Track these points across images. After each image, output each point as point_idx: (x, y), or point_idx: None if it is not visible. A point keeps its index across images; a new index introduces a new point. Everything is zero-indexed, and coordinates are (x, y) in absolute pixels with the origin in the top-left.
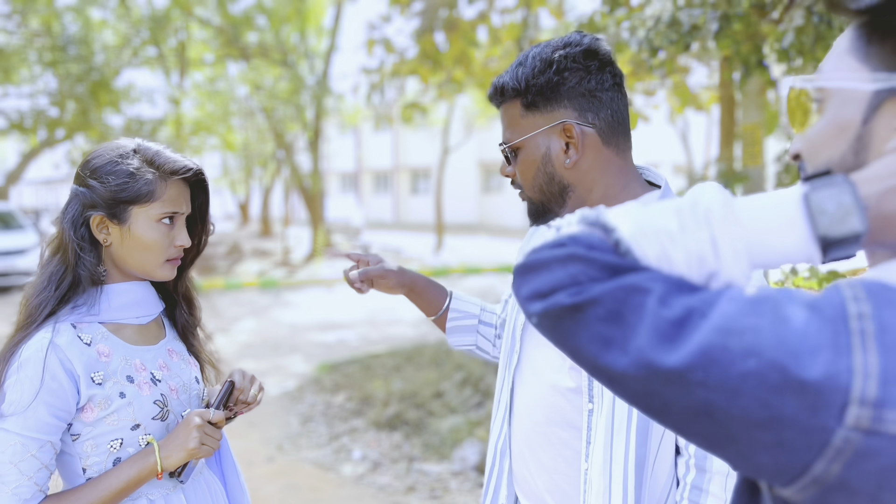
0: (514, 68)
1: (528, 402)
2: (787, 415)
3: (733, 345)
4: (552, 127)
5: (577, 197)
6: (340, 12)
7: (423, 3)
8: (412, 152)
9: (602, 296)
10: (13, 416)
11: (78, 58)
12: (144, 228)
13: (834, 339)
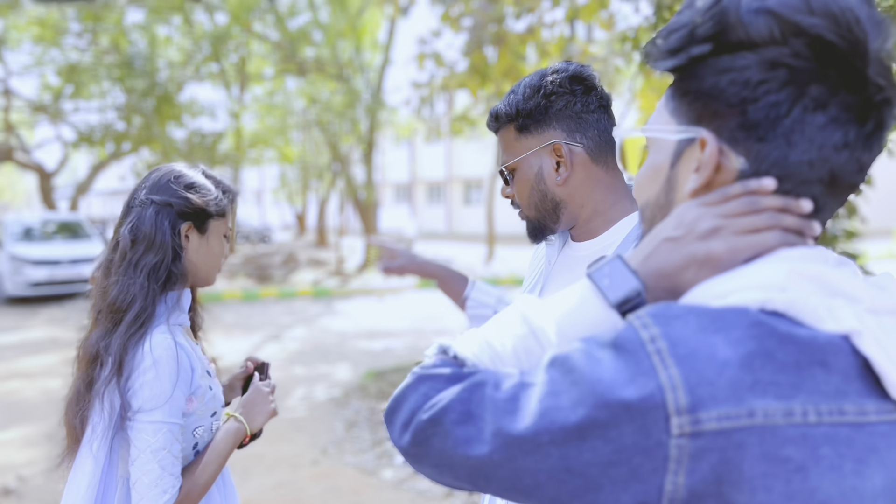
0: (508, 96)
1: None
2: (628, 442)
3: (562, 401)
4: (543, 147)
5: (569, 213)
6: (394, 27)
7: (472, 18)
8: (465, 163)
9: (451, 401)
10: (157, 408)
11: (144, 74)
12: (216, 240)
13: (637, 365)
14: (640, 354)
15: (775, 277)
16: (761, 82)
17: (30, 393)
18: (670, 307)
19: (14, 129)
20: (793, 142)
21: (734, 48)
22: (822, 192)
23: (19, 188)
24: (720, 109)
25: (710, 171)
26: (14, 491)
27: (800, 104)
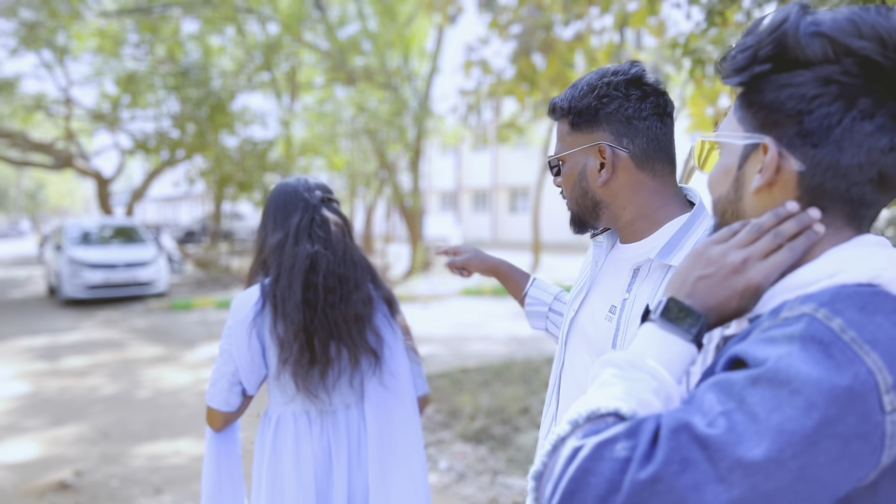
0: (568, 90)
1: (569, 405)
2: (851, 433)
3: (791, 412)
4: (589, 147)
5: (610, 213)
6: (442, 36)
7: (520, 25)
8: (511, 171)
9: (664, 453)
10: None
11: (198, 83)
12: None
13: (842, 354)
14: (839, 345)
15: (878, 259)
16: (816, 96)
17: (83, 391)
18: (824, 297)
19: (74, 137)
20: (844, 147)
21: (792, 66)
22: (871, 190)
23: (78, 194)
24: (780, 119)
25: (771, 173)
26: (71, 486)
27: (849, 115)
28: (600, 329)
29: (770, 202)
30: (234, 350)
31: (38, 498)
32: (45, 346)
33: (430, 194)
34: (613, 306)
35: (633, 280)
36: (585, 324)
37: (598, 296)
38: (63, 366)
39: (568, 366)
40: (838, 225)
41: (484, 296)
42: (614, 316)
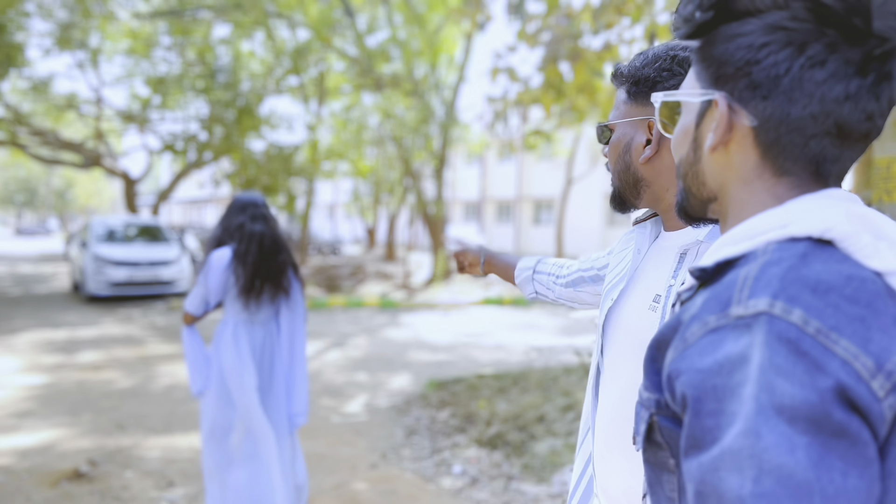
0: (634, 57)
1: (608, 401)
2: (853, 436)
3: (775, 444)
4: (641, 120)
5: (651, 193)
6: (470, 45)
7: (549, 33)
8: (536, 182)
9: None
10: None
11: (227, 86)
12: None
13: (814, 350)
14: (807, 340)
15: (835, 213)
16: (763, 45)
17: (100, 384)
18: (773, 284)
19: (104, 137)
20: (794, 98)
21: (741, 15)
22: (831, 143)
23: (106, 194)
24: (730, 72)
25: (723, 130)
26: (86, 474)
27: (797, 62)
28: (643, 320)
29: (727, 162)
30: (210, 282)
31: (52, 486)
32: (65, 339)
33: (453, 204)
34: (658, 295)
35: (679, 265)
36: (627, 314)
37: (642, 285)
38: (81, 359)
39: (607, 359)
40: (805, 181)
41: (504, 305)
42: (659, 305)
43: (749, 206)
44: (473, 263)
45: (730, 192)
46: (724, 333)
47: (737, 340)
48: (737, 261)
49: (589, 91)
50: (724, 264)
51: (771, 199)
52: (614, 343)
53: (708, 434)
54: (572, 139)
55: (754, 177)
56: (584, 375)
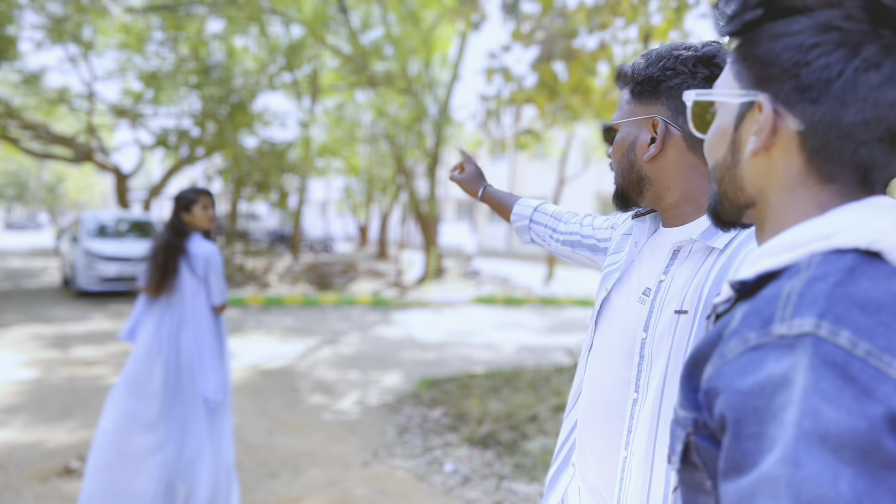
0: (638, 57)
1: (592, 389)
2: None
3: (829, 483)
4: (645, 119)
5: (654, 192)
6: (464, 44)
7: (543, 32)
8: (528, 182)
9: None
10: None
11: (220, 81)
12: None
13: (864, 374)
14: (856, 364)
15: (883, 223)
16: (814, 46)
17: (90, 380)
18: (819, 302)
19: (95, 132)
20: (846, 102)
21: (789, 12)
22: (882, 150)
23: (97, 189)
24: (776, 73)
25: (767, 134)
26: (75, 470)
27: (851, 65)
28: (632, 312)
29: (769, 168)
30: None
31: (42, 482)
32: (55, 335)
33: (446, 202)
34: (648, 288)
35: (671, 261)
36: (619, 305)
37: (635, 277)
38: (71, 355)
39: (595, 347)
40: (851, 189)
41: (496, 304)
42: (648, 298)
43: (790, 215)
44: (469, 185)
45: (769, 199)
46: (766, 353)
47: (779, 361)
48: (778, 273)
49: (583, 91)
50: (766, 277)
51: (814, 208)
52: (604, 331)
53: (748, 458)
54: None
55: (797, 183)
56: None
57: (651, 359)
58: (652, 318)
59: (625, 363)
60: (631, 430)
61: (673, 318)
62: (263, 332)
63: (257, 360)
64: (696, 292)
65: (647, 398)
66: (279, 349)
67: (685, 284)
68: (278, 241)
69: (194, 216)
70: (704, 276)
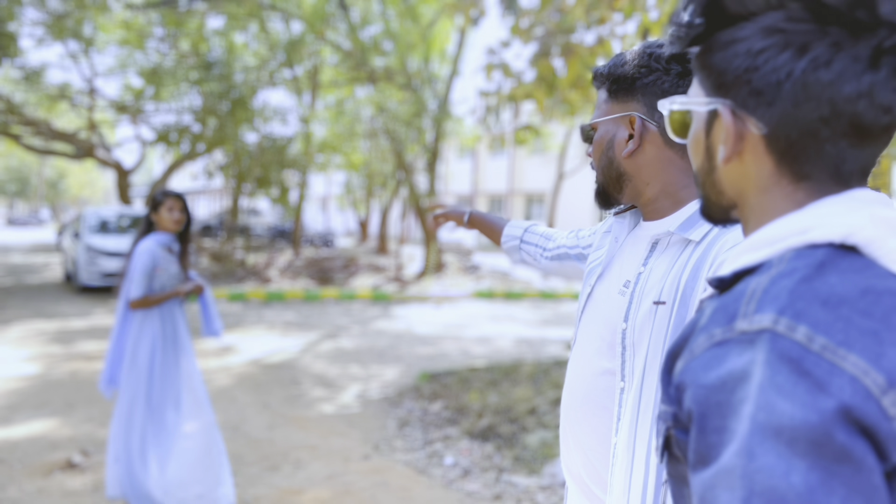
0: (613, 58)
1: (573, 381)
2: (868, 461)
3: (773, 464)
4: (621, 116)
5: (633, 187)
6: (464, 39)
7: (542, 28)
8: (528, 177)
9: None
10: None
11: (220, 77)
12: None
13: (817, 368)
14: (811, 358)
15: (859, 216)
16: (761, 51)
17: (92, 375)
18: (781, 297)
19: (97, 128)
20: (799, 102)
21: (736, 20)
22: (849, 143)
23: (98, 185)
24: (729, 80)
25: (732, 141)
26: (78, 465)
27: (799, 66)
28: (613, 304)
29: (743, 171)
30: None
31: (44, 476)
32: (58, 330)
33: (445, 197)
34: (628, 280)
35: (650, 254)
36: (600, 299)
37: (616, 271)
38: (74, 350)
39: (578, 340)
40: (826, 185)
41: (495, 298)
42: (627, 290)
43: (769, 213)
44: (453, 214)
45: (749, 200)
46: (729, 348)
47: (739, 356)
48: (754, 270)
49: (581, 86)
50: (742, 273)
51: (791, 205)
52: (586, 325)
53: (712, 450)
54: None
55: (772, 184)
56: None
57: (634, 348)
58: (632, 309)
59: (606, 354)
60: (619, 418)
61: (651, 308)
62: (265, 326)
63: (259, 355)
64: (674, 283)
65: (632, 386)
66: (280, 343)
67: (663, 276)
68: (279, 237)
69: (160, 217)
70: (682, 268)
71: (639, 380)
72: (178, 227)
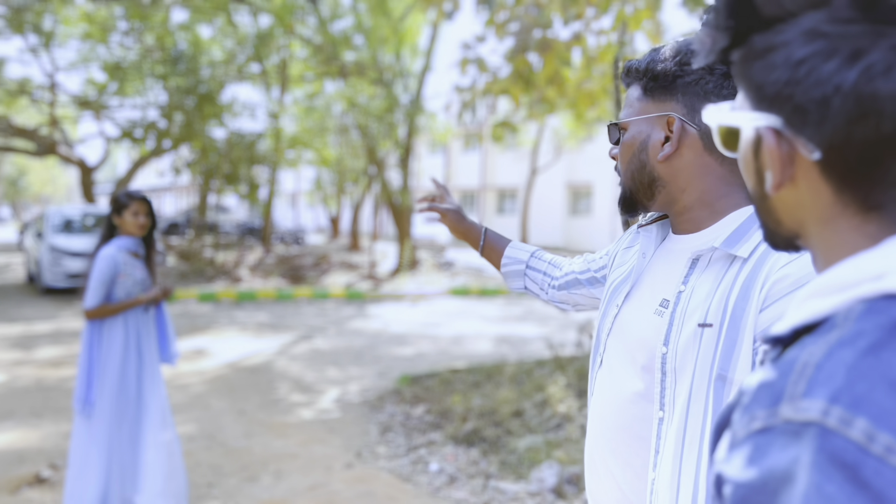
0: (648, 52)
1: (602, 407)
2: None
3: None
4: (658, 117)
5: (667, 194)
6: (436, 33)
7: (518, 23)
8: (500, 172)
9: None
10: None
11: (186, 72)
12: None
13: (879, 479)
14: (870, 465)
15: None
16: (802, 60)
17: (59, 381)
18: (837, 378)
19: (58, 124)
20: (853, 119)
21: (772, 22)
22: None
23: (61, 182)
24: (769, 95)
25: (780, 166)
26: (47, 479)
27: (849, 77)
28: (648, 325)
29: (798, 200)
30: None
31: (11, 492)
32: (21, 334)
33: (418, 193)
34: (665, 300)
35: (690, 271)
36: (631, 319)
37: (647, 290)
38: (39, 355)
39: (606, 364)
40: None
41: (471, 296)
42: (666, 310)
43: (837, 249)
44: (461, 227)
45: (811, 232)
46: (772, 438)
47: (783, 451)
48: (818, 325)
49: (558, 82)
50: (803, 330)
51: (863, 239)
52: (615, 347)
53: None
54: (536, 129)
55: (834, 215)
56: (556, 368)
57: (675, 374)
58: (672, 331)
59: (640, 378)
60: (658, 451)
61: (696, 331)
62: (237, 328)
63: (232, 358)
64: (721, 304)
65: (674, 416)
66: (254, 346)
67: (708, 296)
68: (248, 234)
69: (124, 221)
70: (729, 287)
71: (682, 410)
72: (143, 232)
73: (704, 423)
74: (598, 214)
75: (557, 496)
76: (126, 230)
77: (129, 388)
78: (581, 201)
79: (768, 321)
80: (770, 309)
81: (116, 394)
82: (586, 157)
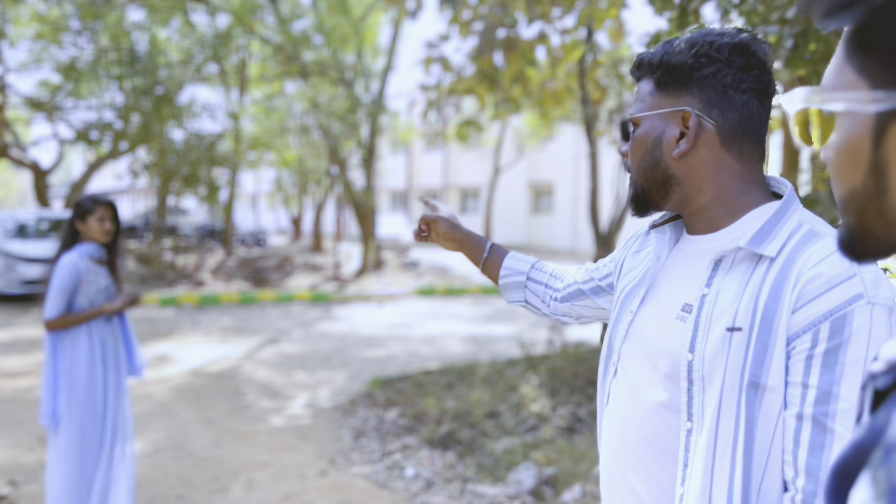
0: (661, 45)
1: (621, 418)
2: None
3: None
4: (673, 112)
5: (682, 192)
6: (398, 32)
7: (482, 22)
8: (462, 172)
9: None
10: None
11: (143, 72)
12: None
13: None
14: None
15: None
16: None
17: (17, 393)
18: None
19: (9, 126)
20: None
21: None
22: None
23: (13, 186)
24: None
25: None
26: (7, 497)
27: None
28: (669, 331)
29: None
30: None
31: None
32: None
33: (380, 193)
34: (688, 304)
35: (713, 273)
36: (647, 327)
37: (665, 294)
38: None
39: (622, 373)
40: None
41: (437, 295)
42: (689, 315)
43: None
44: (446, 236)
45: None
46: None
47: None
48: None
49: (523, 81)
50: None
51: None
52: (632, 355)
53: None
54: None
55: None
56: (528, 368)
57: (703, 382)
58: (698, 337)
59: (664, 387)
60: (687, 465)
61: (725, 336)
62: (201, 333)
63: (197, 364)
64: (750, 306)
65: (704, 427)
66: (219, 351)
67: (735, 298)
68: (209, 236)
69: (88, 227)
70: (757, 288)
71: (712, 420)
72: (108, 238)
73: (737, 434)
74: (559, 212)
75: (536, 498)
76: (90, 236)
77: (96, 401)
78: (543, 200)
79: (801, 322)
80: (803, 309)
81: (84, 408)
82: (548, 155)
